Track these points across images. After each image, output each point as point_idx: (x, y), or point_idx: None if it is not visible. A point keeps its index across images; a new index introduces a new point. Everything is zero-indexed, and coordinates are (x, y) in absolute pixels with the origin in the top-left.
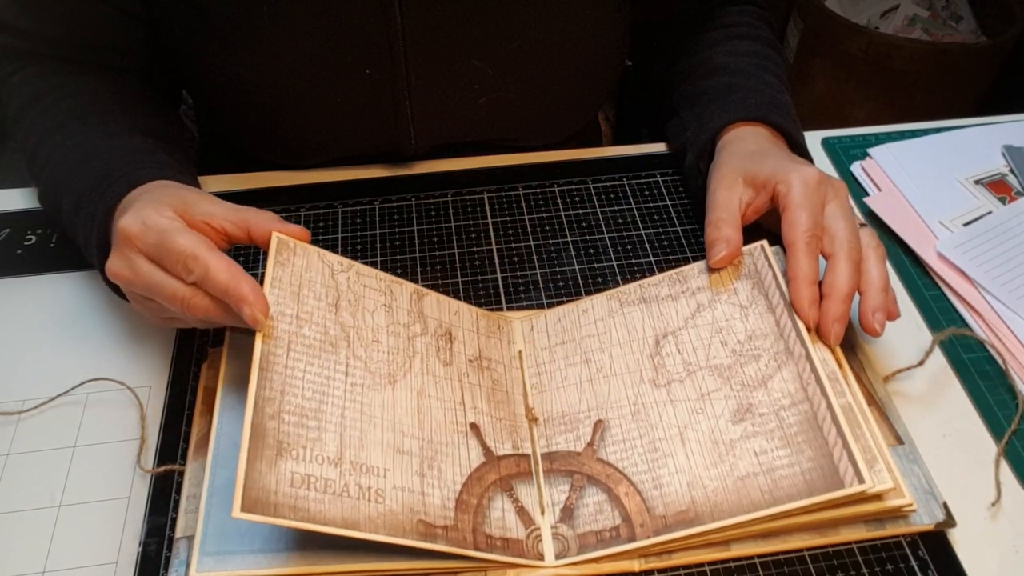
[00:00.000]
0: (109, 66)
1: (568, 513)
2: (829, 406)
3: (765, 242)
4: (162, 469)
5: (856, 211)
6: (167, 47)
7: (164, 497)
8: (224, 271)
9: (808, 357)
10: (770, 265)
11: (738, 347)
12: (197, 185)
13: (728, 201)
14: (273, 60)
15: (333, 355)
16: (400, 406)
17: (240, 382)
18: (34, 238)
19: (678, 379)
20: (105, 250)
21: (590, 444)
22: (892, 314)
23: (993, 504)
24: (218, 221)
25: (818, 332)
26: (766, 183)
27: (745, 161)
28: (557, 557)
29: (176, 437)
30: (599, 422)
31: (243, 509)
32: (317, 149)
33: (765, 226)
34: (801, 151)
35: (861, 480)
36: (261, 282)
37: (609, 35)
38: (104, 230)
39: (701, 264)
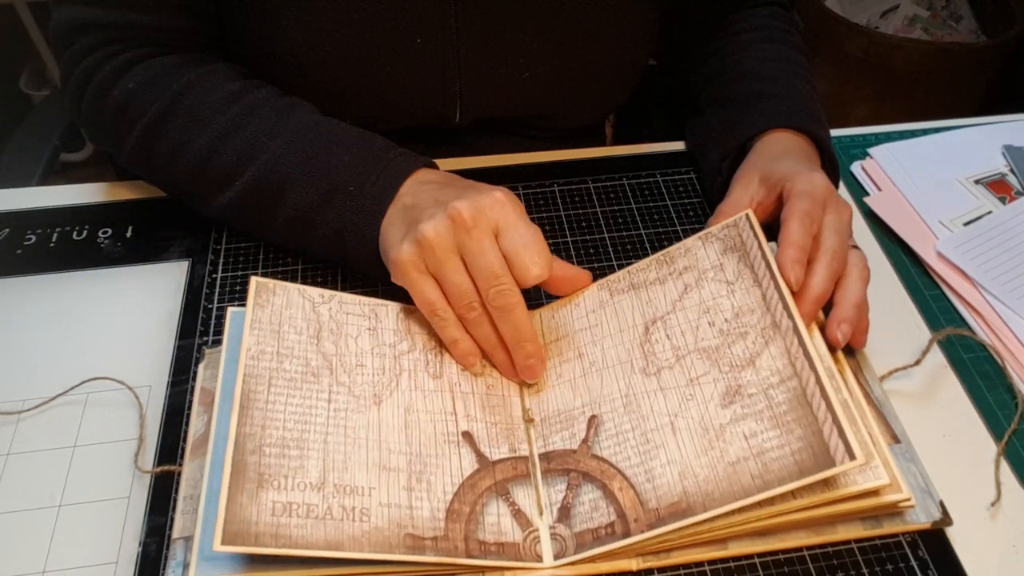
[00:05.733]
0: (197, 48)
1: (565, 512)
2: (818, 380)
3: (751, 211)
4: (159, 470)
5: (852, 234)
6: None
7: (164, 497)
8: (528, 322)
9: (795, 330)
10: (755, 235)
11: (725, 326)
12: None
13: (739, 198)
14: (326, 27)
15: (315, 385)
16: (386, 424)
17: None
18: (34, 238)
19: (667, 366)
20: (374, 243)
21: (585, 440)
22: (857, 340)
23: (993, 504)
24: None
25: None
26: (778, 182)
27: (768, 162)
28: (556, 557)
29: (176, 437)
30: (593, 417)
31: (223, 542)
32: (363, 121)
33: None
34: (831, 156)
35: (852, 456)
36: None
37: (647, 19)
38: (377, 222)
39: (687, 242)
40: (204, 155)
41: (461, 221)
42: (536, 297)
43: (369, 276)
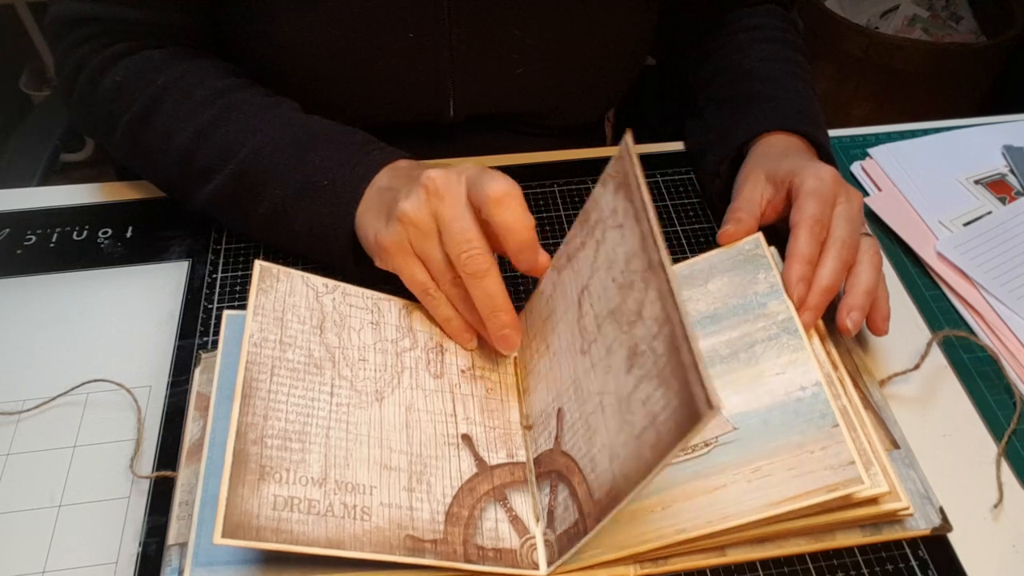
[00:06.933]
0: (188, 42)
1: (551, 516)
2: (681, 321)
3: (628, 131)
4: (155, 475)
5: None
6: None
7: (164, 497)
8: (502, 291)
9: (661, 265)
10: (631, 159)
11: (621, 278)
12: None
13: (751, 195)
14: (319, 21)
15: (318, 376)
16: (387, 422)
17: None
18: (34, 238)
19: (593, 339)
20: (347, 237)
21: (556, 437)
22: (878, 328)
23: (995, 506)
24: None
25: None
26: (784, 179)
27: (770, 161)
28: (549, 564)
29: (176, 438)
30: (559, 411)
31: (224, 535)
32: (356, 119)
33: (784, 231)
34: (829, 158)
35: (711, 405)
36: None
37: (643, 15)
38: (352, 217)
39: (595, 190)
40: (187, 149)
41: (434, 189)
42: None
43: (346, 272)
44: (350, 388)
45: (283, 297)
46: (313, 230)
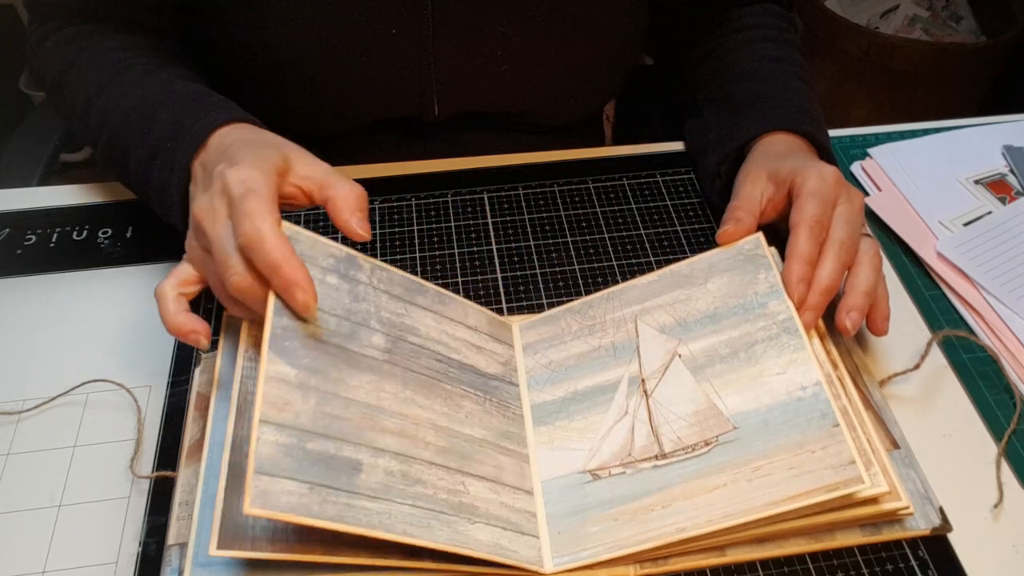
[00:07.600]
0: (143, 26)
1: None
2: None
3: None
4: (155, 475)
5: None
6: (190, 7)
7: (164, 497)
8: (278, 248)
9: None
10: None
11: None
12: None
13: (750, 194)
14: (301, 17)
15: None
16: None
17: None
18: (34, 238)
19: None
20: (185, 200)
21: None
22: (878, 328)
23: (995, 506)
24: (307, 185)
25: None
26: (786, 178)
27: (771, 160)
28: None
29: (176, 438)
30: None
31: (220, 547)
32: (339, 115)
33: (784, 231)
34: (829, 158)
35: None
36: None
37: (632, 14)
38: (186, 177)
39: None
40: (82, 114)
41: (223, 189)
42: (538, 300)
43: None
44: None
45: None
46: (164, 193)
